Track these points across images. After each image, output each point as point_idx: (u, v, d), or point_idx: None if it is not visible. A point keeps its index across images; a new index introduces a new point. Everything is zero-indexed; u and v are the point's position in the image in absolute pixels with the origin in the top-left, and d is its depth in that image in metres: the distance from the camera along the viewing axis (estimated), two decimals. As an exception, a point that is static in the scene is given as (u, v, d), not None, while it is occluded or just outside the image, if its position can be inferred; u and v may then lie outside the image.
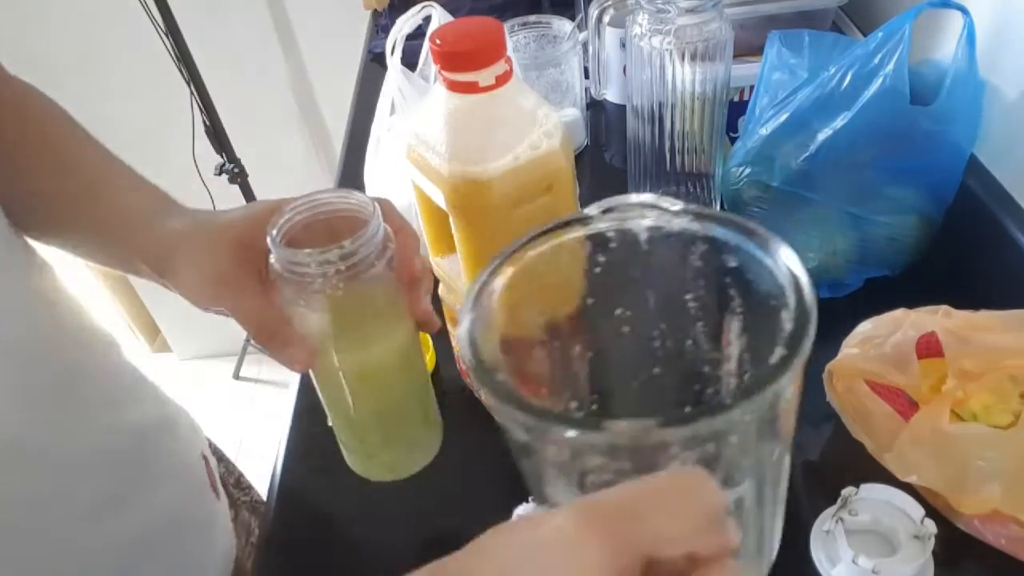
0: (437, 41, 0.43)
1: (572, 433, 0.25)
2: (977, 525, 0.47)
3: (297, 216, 0.39)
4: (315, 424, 0.62)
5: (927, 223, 0.63)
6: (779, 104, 0.63)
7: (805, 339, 0.26)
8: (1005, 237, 0.60)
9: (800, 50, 0.67)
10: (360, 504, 0.57)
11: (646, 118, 0.69)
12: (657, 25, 0.63)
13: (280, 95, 1.64)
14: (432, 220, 0.53)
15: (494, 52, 0.43)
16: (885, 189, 0.61)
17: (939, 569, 0.46)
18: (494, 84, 0.43)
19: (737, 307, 0.33)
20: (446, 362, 0.64)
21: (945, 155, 0.61)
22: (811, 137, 0.60)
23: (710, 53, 0.63)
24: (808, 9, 0.83)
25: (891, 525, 0.47)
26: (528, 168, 0.45)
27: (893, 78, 0.57)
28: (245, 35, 1.54)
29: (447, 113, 0.45)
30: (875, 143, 0.59)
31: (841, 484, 0.48)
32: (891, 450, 0.49)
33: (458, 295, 0.54)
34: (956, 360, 0.48)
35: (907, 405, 0.49)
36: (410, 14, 0.64)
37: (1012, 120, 0.61)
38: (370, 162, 0.74)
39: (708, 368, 0.36)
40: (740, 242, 0.30)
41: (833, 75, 0.60)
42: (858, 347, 0.52)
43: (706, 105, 0.67)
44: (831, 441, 0.56)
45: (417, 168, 0.48)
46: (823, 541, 0.48)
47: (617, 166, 0.88)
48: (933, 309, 0.52)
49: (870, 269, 0.63)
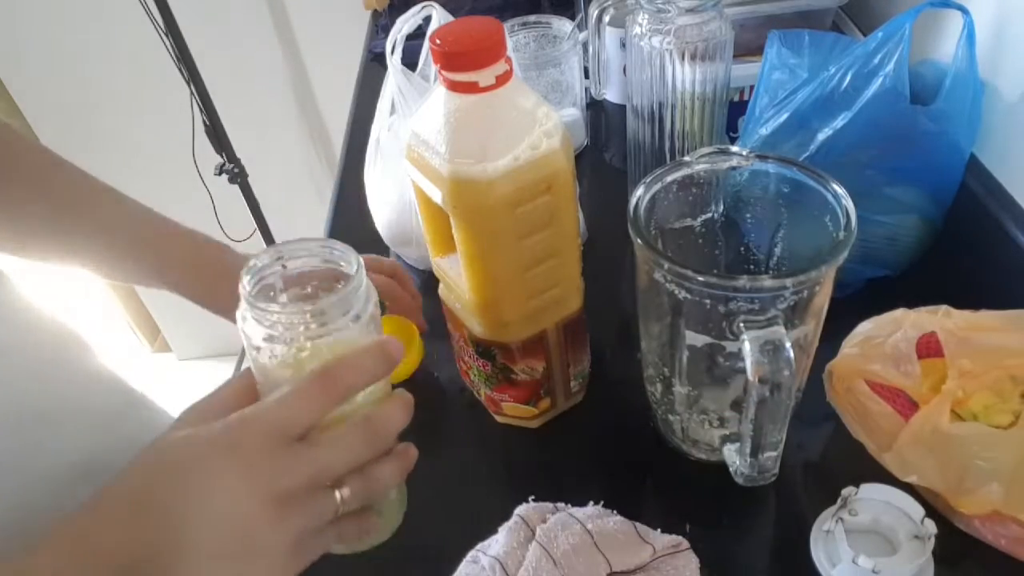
0: (437, 41, 0.43)
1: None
2: (977, 525, 0.47)
3: (268, 272, 0.37)
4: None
5: (927, 223, 0.63)
6: (779, 104, 0.63)
7: (852, 225, 0.43)
8: (1005, 237, 0.60)
9: (800, 50, 0.67)
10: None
11: (646, 118, 0.69)
12: (657, 25, 0.63)
13: (280, 95, 1.64)
14: (432, 220, 0.53)
15: (494, 52, 0.43)
16: (885, 189, 0.61)
17: (939, 569, 0.46)
18: (494, 84, 0.43)
19: (784, 222, 0.51)
20: (446, 362, 0.64)
21: (945, 155, 0.61)
22: (811, 137, 0.60)
23: (710, 53, 0.63)
24: (808, 9, 0.83)
25: (891, 525, 0.47)
26: (528, 168, 0.45)
27: (893, 78, 0.57)
28: (245, 35, 1.54)
29: (447, 113, 0.45)
30: (875, 143, 0.59)
31: (841, 484, 0.48)
32: (891, 450, 0.49)
33: (458, 295, 0.54)
34: (956, 360, 0.48)
35: (907, 405, 0.49)
36: (410, 14, 0.64)
37: (1012, 120, 0.61)
38: (370, 162, 0.74)
39: (752, 266, 0.55)
40: (794, 175, 0.48)
41: (833, 75, 0.60)
42: (858, 347, 0.52)
43: (706, 105, 0.67)
44: (831, 441, 0.56)
45: (417, 168, 0.48)
46: (823, 541, 0.48)
47: (617, 166, 0.88)
48: (933, 309, 0.52)
49: (870, 269, 0.63)
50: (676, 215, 0.52)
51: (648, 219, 0.47)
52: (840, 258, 0.41)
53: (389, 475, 0.38)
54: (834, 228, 0.45)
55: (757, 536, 0.52)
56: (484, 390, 0.58)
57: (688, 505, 0.54)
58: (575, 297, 0.55)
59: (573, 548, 0.47)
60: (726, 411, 0.51)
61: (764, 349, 0.40)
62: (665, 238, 0.51)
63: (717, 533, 0.51)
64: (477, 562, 0.48)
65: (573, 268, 0.53)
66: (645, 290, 0.48)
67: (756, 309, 0.41)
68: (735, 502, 0.52)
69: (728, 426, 0.52)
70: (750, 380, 0.40)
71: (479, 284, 0.50)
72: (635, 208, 0.46)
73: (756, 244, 0.55)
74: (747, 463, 0.46)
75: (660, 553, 0.48)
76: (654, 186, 0.48)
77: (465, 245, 0.48)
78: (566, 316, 0.54)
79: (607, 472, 0.57)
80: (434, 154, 0.46)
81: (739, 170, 0.50)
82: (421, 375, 0.67)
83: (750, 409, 0.42)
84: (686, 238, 0.54)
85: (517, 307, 0.51)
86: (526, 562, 0.47)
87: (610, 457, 0.58)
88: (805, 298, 0.42)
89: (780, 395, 0.40)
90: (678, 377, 0.50)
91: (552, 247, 0.50)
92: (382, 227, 0.75)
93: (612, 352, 0.65)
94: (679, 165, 0.49)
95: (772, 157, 0.48)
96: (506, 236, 0.47)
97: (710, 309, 0.43)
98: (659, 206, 0.49)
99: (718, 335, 0.44)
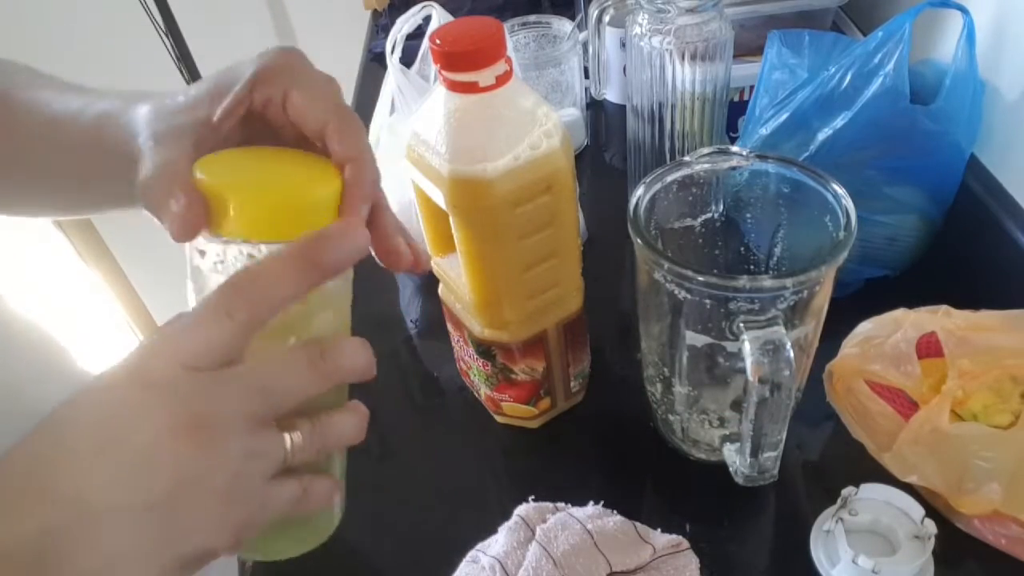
0: (437, 41, 0.43)
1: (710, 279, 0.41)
2: (977, 525, 0.47)
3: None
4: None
5: (927, 223, 0.63)
6: (779, 104, 0.63)
7: (851, 225, 0.43)
8: (1005, 237, 0.60)
9: (800, 50, 0.67)
10: (357, 504, 0.57)
11: (646, 118, 0.69)
12: (657, 25, 0.63)
13: (280, 95, 1.64)
14: (432, 220, 0.53)
15: (494, 52, 0.43)
16: (885, 189, 0.60)
17: (939, 569, 0.46)
18: (494, 84, 0.43)
19: (784, 222, 0.51)
20: (446, 362, 0.64)
21: (945, 155, 0.61)
22: (811, 137, 0.60)
23: (710, 53, 0.63)
24: (808, 9, 0.83)
25: (891, 525, 0.47)
26: (528, 168, 0.45)
27: (893, 78, 0.57)
28: (245, 35, 1.54)
29: (447, 113, 0.45)
30: (875, 143, 0.59)
31: (841, 484, 0.48)
32: (891, 450, 0.49)
33: (458, 295, 0.54)
34: (956, 360, 0.48)
35: (907, 405, 0.49)
36: (410, 14, 0.64)
37: (1012, 120, 0.61)
38: (370, 162, 0.74)
39: (752, 267, 0.55)
40: (794, 175, 0.48)
41: (833, 75, 0.60)
42: (858, 347, 0.52)
43: (706, 105, 0.67)
44: (831, 441, 0.56)
45: (417, 168, 0.48)
46: (823, 541, 0.48)
47: (617, 166, 0.88)
48: (933, 309, 0.52)
49: (870, 269, 0.63)
50: (676, 215, 0.52)
51: (648, 219, 0.47)
52: (840, 258, 0.41)
53: (346, 428, 0.33)
54: (834, 228, 0.45)
55: (757, 536, 0.52)
56: (484, 390, 0.58)
57: (688, 505, 0.54)
58: (575, 297, 0.55)
59: (573, 548, 0.47)
60: (726, 411, 0.51)
61: (764, 349, 0.40)
62: (665, 238, 0.51)
63: (717, 533, 0.51)
64: (477, 562, 0.48)
65: (573, 268, 0.53)
66: (645, 290, 0.48)
67: (756, 309, 0.42)
68: (735, 502, 0.52)
69: (728, 426, 0.52)
70: (750, 380, 0.40)
71: (479, 284, 0.50)
72: (635, 208, 0.46)
73: (756, 244, 0.55)
74: (747, 463, 0.46)
75: (660, 553, 0.48)
76: (654, 186, 0.48)
77: (465, 245, 0.48)
78: (566, 316, 0.54)
79: (607, 472, 0.57)
80: (434, 154, 0.46)
81: (739, 170, 0.50)
82: (422, 375, 0.67)
83: (750, 409, 0.42)
84: (686, 238, 0.54)
85: (517, 307, 0.51)
86: (526, 562, 0.47)
87: (610, 457, 0.58)
88: (805, 298, 0.42)
89: (780, 395, 0.40)
90: (678, 377, 0.50)
91: (552, 247, 0.50)
92: (382, 227, 0.75)
93: (612, 352, 0.65)
94: (679, 165, 0.49)
95: (772, 157, 0.48)
96: (506, 236, 0.47)
97: (710, 309, 0.43)
98: (659, 206, 0.49)
99: (718, 335, 0.44)
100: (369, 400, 0.36)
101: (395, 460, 0.60)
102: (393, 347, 0.69)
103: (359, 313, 0.38)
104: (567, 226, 0.50)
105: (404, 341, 0.70)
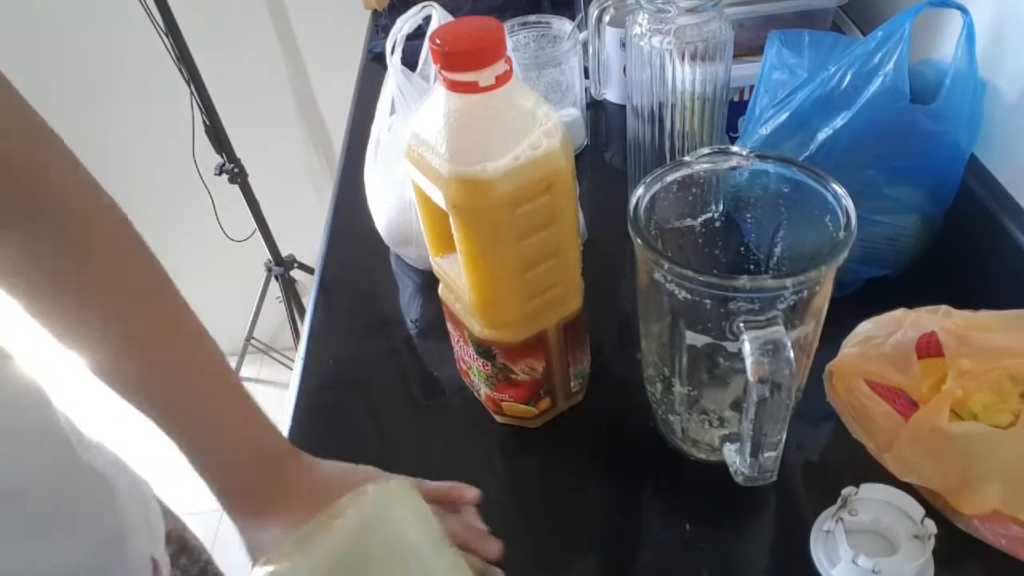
0: (437, 41, 0.43)
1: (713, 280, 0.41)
2: (977, 525, 0.47)
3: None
4: (315, 423, 0.62)
5: (927, 223, 0.63)
6: (779, 104, 0.63)
7: (851, 225, 0.43)
8: (1005, 237, 0.60)
9: (800, 50, 0.67)
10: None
11: (646, 118, 0.69)
12: (657, 25, 0.63)
13: (280, 95, 1.64)
14: (432, 220, 0.53)
15: (494, 52, 0.43)
16: (885, 189, 0.60)
17: (939, 569, 0.46)
18: (494, 84, 0.43)
19: (784, 222, 0.51)
20: (446, 362, 0.64)
21: (945, 155, 0.61)
22: (811, 137, 0.60)
23: (710, 53, 0.63)
24: (808, 9, 0.83)
25: (891, 525, 0.47)
26: (528, 168, 0.45)
27: (893, 77, 0.57)
28: (245, 35, 1.54)
29: (447, 113, 0.45)
30: (875, 143, 0.59)
31: (841, 484, 0.48)
32: (891, 450, 0.49)
33: (458, 295, 0.54)
34: (956, 360, 0.48)
35: (907, 405, 0.49)
36: (410, 14, 0.64)
37: (1012, 120, 0.61)
38: (370, 162, 0.74)
39: (752, 267, 0.55)
40: (794, 175, 0.48)
41: (833, 75, 0.60)
42: (858, 347, 0.52)
43: (706, 105, 0.67)
44: (831, 441, 0.56)
45: (417, 168, 0.48)
46: (823, 541, 0.48)
47: (617, 166, 0.88)
48: (933, 309, 0.52)
49: (870, 269, 0.63)
50: (676, 215, 0.52)
51: (648, 219, 0.47)
52: (840, 258, 0.41)
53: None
54: (834, 228, 0.45)
55: (757, 536, 0.52)
56: (484, 390, 0.58)
57: (688, 505, 0.54)
58: (575, 297, 0.55)
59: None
60: (726, 411, 0.51)
61: (764, 349, 0.40)
62: (665, 238, 0.51)
63: (717, 533, 0.51)
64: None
65: (573, 268, 0.53)
66: (645, 290, 0.48)
67: (756, 309, 0.42)
68: (735, 502, 0.52)
69: (728, 426, 0.52)
70: (750, 380, 0.40)
71: (479, 284, 0.50)
72: (635, 208, 0.46)
73: (756, 244, 0.55)
74: (747, 463, 0.46)
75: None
76: (654, 186, 0.48)
77: (465, 245, 0.48)
78: (566, 316, 0.54)
79: (607, 472, 0.57)
80: (434, 154, 0.46)
81: (739, 170, 0.50)
82: (422, 375, 0.67)
83: (750, 409, 0.42)
84: (686, 238, 0.54)
85: (517, 307, 0.51)
86: None
87: (610, 457, 0.58)
88: (805, 298, 0.42)
89: (780, 395, 0.40)
90: (678, 377, 0.50)
91: (552, 247, 0.50)
92: (382, 227, 0.75)
93: (612, 352, 0.65)
94: (679, 165, 0.49)
95: (772, 157, 0.48)
96: (506, 236, 0.47)
97: (710, 309, 0.43)
98: (659, 206, 0.49)
99: (718, 335, 0.44)
100: (369, 400, 0.36)
101: (395, 460, 0.60)
102: (393, 347, 0.69)
103: (360, 314, 0.38)
104: (567, 226, 0.50)
105: (404, 341, 0.70)
